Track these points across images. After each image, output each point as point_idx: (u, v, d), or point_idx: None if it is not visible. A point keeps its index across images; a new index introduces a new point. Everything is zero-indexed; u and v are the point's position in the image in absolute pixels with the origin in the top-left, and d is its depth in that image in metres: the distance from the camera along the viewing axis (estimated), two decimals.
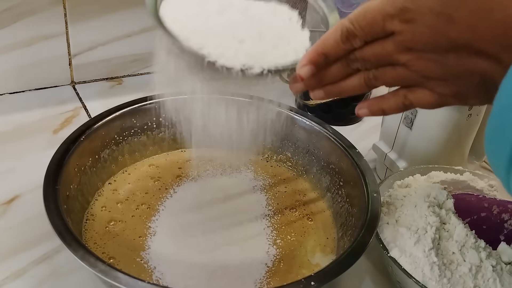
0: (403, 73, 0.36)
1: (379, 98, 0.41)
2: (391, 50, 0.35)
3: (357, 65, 0.38)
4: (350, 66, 0.38)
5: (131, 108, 0.59)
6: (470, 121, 0.59)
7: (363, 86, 0.39)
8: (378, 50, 0.36)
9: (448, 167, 0.59)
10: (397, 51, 0.35)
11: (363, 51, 0.37)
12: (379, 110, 0.41)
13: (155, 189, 0.58)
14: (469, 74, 0.34)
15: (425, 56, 0.35)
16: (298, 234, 0.54)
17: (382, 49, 0.36)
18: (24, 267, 0.50)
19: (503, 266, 0.46)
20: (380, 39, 0.36)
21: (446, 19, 0.32)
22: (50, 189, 0.47)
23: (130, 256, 0.49)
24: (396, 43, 0.35)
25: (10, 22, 0.70)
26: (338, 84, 0.40)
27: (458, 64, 0.34)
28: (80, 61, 0.77)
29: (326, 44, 0.37)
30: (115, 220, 0.53)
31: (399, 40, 0.35)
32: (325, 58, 0.38)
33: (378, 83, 0.38)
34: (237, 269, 0.49)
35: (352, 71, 0.39)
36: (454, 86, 0.36)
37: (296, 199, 0.59)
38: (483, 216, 0.50)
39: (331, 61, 0.38)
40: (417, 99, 0.38)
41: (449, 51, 0.34)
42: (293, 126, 0.62)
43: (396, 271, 0.47)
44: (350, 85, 0.39)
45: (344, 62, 0.38)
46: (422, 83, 0.37)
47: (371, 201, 0.50)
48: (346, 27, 0.36)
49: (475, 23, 0.32)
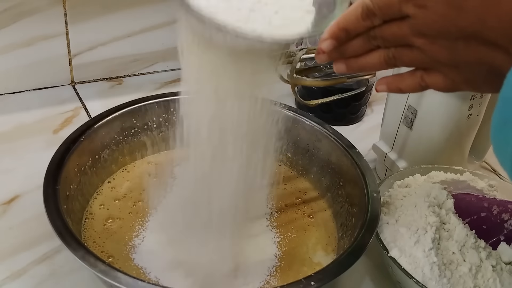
0: (418, 56, 0.37)
1: (398, 76, 0.42)
2: (407, 32, 0.36)
3: (377, 42, 0.39)
4: (371, 42, 0.39)
5: (131, 108, 0.59)
6: (470, 121, 0.59)
7: (382, 63, 0.40)
8: (395, 30, 0.37)
9: (448, 167, 0.59)
10: (412, 34, 0.36)
11: (382, 29, 0.38)
12: (396, 88, 0.42)
13: (153, 186, 0.58)
14: (478, 62, 0.35)
15: (437, 42, 0.36)
16: (299, 232, 0.55)
17: (399, 29, 0.37)
18: (24, 267, 0.50)
19: (503, 266, 0.46)
20: (397, 20, 0.37)
21: (456, 8, 0.33)
22: (50, 189, 0.47)
23: (128, 255, 0.49)
24: (410, 26, 0.36)
25: (10, 22, 0.70)
26: (359, 59, 0.41)
27: (467, 53, 0.35)
28: (80, 61, 0.77)
29: (348, 19, 0.38)
30: (113, 218, 0.53)
31: (413, 23, 0.36)
32: (346, 33, 0.39)
33: (396, 62, 0.39)
34: (237, 267, 0.49)
35: (373, 48, 0.40)
36: (465, 73, 0.37)
37: (297, 197, 0.59)
38: (483, 216, 0.50)
39: (352, 36, 0.39)
40: (432, 82, 0.39)
41: (459, 39, 0.34)
42: (293, 126, 0.62)
43: (396, 271, 0.47)
44: (370, 61, 0.40)
45: (365, 38, 0.39)
46: (436, 67, 0.38)
47: (371, 201, 0.50)
48: (366, 5, 0.37)
49: (484, 13, 0.32)
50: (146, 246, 0.50)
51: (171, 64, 0.85)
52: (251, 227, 0.54)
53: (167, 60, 0.84)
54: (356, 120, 0.79)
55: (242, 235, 0.52)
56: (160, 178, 0.59)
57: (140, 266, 0.48)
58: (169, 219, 0.53)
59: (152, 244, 0.50)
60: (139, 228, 0.52)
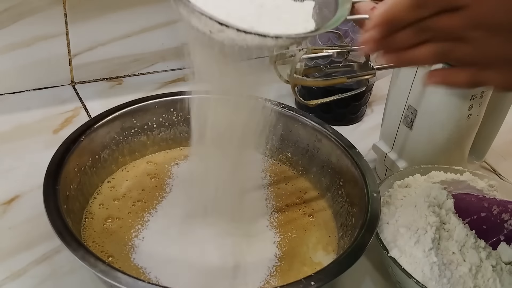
0: (473, 51, 0.35)
1: (450, 70, 0.39)
2: (462, 24, 0.35)
3: (427, 36, 0.37)
4: (420, 35, 0.37)
5: (131, 108, 0.59)
6: (470, 121, 0.59)
7: (432, 57, 0.38)
8: (448, 22, 0.35)
9: (448, 167, 0.59)
10: (468, 26, 0.35)
11: (433, 20, 0.36)
12: (448, 82, 0.39)
13: (152, 186, 0.58)
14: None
15: (494, 36, 0.34)
16: (299, 231, 0.55)
17: (452, 21, 0.35)
18: (24, 267, 0.50)
19: (503, 266, 0.46)
20: (449, 11, 0.35)
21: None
22: (50, 189, 0.47)
23: (127, 254, 0.49)
24: (466, 17, 0.34)
25: (10, 22, 0.69)
26: (407, 52, 0.38)
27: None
28: (80, 61, 0.77)
29: (396, 9, 0.36)
30: (112, 217, 0.53)
31: (469, 15, 0.34)
32: (394, 23, 0.37)
33: (448, 57, 0.37)
34: (237, 267, 0.49)
35: (421, 41, 0.38)
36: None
37: (297, 197, 0.59)
38: (483, 216, 0.50)
39: (399, 27, 0.37)
40: (488, 79, 0.37)
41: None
42: (293, 126, 0.62)
43: (396, 271, 0.47)
44: (419, 55, 0.38)
45: (413, 30, 0.37)
46: (492, 64, 0.36)
47: (371, 201, 0.50)
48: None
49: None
50: (146, 246, 0.50)
51: (171, 64, 0.85)
52: (251, 227, 0.54)
53: (167, 60, 0.84)
54: (356, 120, 0.79)
55: (242, 234, 0.52)
56: (159, 177, 0.59)
57: (140, 266, 0.48)
58: (169, 218, 0.53)
59: (152, 244, 0.50)
60: (138, 228, 0.52)
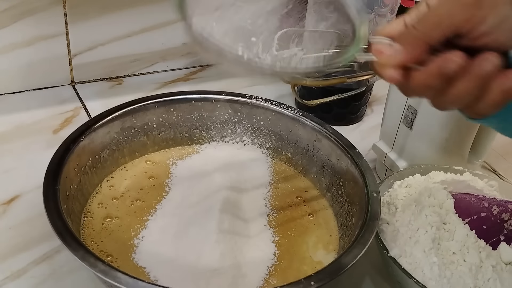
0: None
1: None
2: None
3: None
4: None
5: (131, 108, 0.59)
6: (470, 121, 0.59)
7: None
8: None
9: (448, 167, 0.59)
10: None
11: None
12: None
13: (150, 185, 0.58)
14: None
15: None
16: (299, 230, 0.55)
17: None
18: (24, 267, 0.50)
19: (503, 266, 0.46)
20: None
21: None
22: (50, 189, 0.46)
23: (126, 254, 0.49)
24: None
25: (10, 22, 0.70)
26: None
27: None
28: (80, 61, 0.77)
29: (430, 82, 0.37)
30: (111, 217, 0.53)
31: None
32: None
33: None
34: (238, 266, 0.48)
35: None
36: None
37: (298, 196, 0.59)
38: (483, 216, 0.50)
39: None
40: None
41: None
42: (293, 126, 0.62)
43: (396, 271, 0.47)
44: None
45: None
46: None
47: (371, 201, 0.50)
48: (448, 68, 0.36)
49: None
50: (146, 245, 0.50)
51: (171, 64, 0.85)
52: (250, 226, 0.54)
53: (167, 60, 0.84)
54: (356, 120, 0.79)
55: (242, 234, 0.52)
56: (158, 177, 0.59)
57: (140, 265, 0.48)
58: (168, 218, 0.53)
59: (152, 243, 0.50)
60: (138, 227, 0.52)
